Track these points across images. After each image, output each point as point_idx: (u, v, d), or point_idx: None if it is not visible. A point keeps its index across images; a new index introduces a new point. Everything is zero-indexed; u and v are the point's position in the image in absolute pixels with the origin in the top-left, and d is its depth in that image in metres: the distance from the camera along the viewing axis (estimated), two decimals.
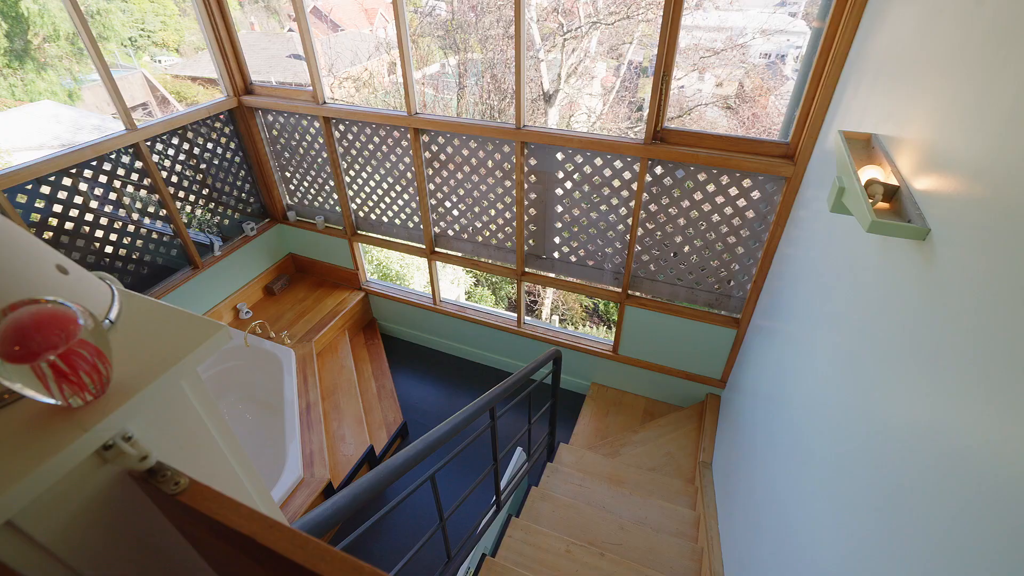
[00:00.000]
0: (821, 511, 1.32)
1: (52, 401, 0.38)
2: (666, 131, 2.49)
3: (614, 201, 2.84)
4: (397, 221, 3.62)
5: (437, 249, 3.60)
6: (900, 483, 0.97)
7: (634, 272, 3.03)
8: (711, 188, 2.58)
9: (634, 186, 2.72)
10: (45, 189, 2.65)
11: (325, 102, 3.25)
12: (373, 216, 3.69)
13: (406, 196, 3.44)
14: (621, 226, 2.91)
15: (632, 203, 2.78)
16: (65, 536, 0.40)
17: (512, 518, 2.26)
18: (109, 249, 2.96)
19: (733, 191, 2.54)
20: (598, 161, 2.76)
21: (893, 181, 1.08)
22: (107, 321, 0.46)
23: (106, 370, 0.40)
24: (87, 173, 2.79)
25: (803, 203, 2.20)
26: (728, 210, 2.61)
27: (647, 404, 3.51)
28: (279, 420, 3.15)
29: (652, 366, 3.35)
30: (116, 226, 2.98)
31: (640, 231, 2.84)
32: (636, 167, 2.66)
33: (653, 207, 2.75)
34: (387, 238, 3.75)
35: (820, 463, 1.41)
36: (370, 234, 3.80)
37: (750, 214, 2.57)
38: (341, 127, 3.33)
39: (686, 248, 2.81)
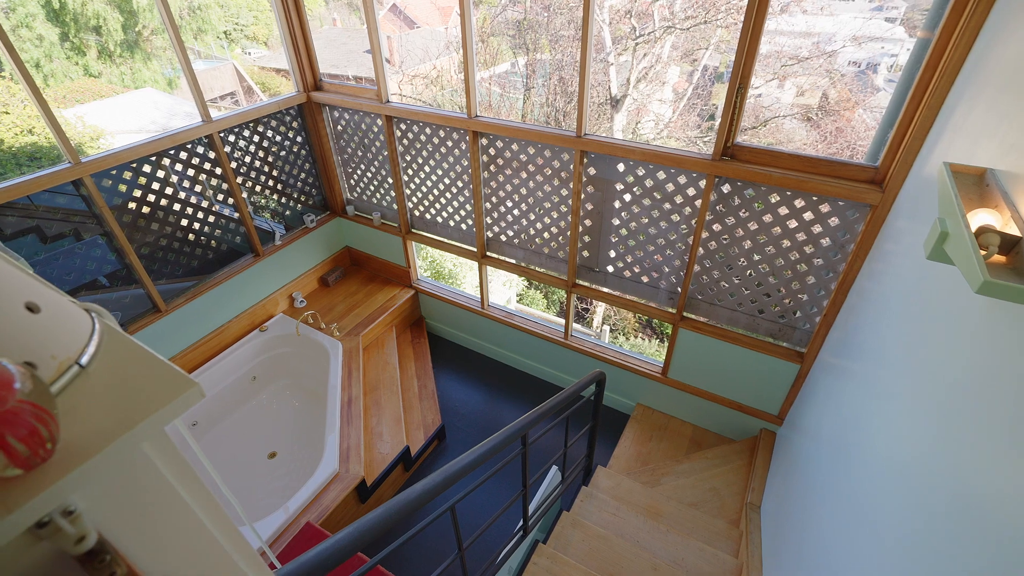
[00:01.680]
0: None
1: None
2: (737, 147, 2.31)
3: (675, 217, 2.68)
4: (451, 222, 3.61)
5: (488, 253, 3.56)
6: (989, 567, 0.81)
7: (691, 294, 2.86)
8: (783, 211, 2.37)
9: (698, 203, 2.55)
10: (127, 175, 2.82)
11: (388, 100, 3.28)
12: (428, 215, 3.70)
13: (461, 198, 3.42)
14: (681, 244, 2.74)
15: (694, 221, 2.61)
16: None
17: (539, 544, 2.17)
18: (180, 234, 3.13)
19: (808, 216, 2.33)
20: (661, 175, 2.61)
21: (1014, 231, 0.91)
22: (76, 366, 0.42)
23: (51, 432, 0.35)
24: (165, 161, 2.95)
25: (891, 235, 1.97)
26: (801, 236, 2.39)
27: (694, 432, 3.31)
28: (322, 411, 3.22)
29: (703, 393, 3.15)
30: (188, 212, 3.14)
31: (701, 251, 2.67)
32: (702, 183, 2.50)
33: (717, 226, 2.57)
34: (440, 238, 3.75)
35: (888, 527, 1.24)
36: (424, 233, 3.81)
37: (825, 242, 2.35)
38: (402, 126, 3.35)
39: (750, 273, 2.61)
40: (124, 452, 0.37)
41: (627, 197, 2.77)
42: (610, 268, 3.08)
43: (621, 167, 2.70)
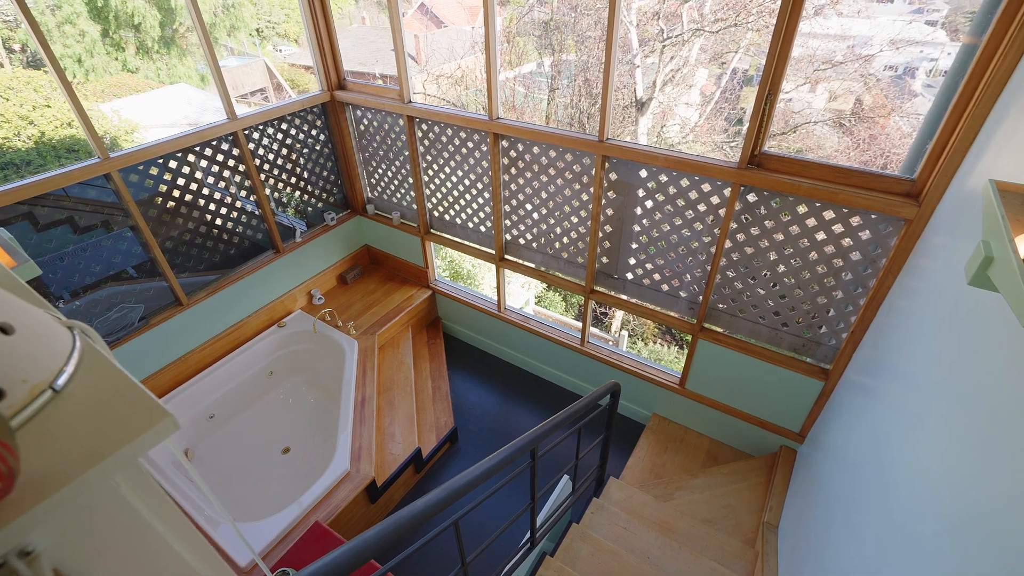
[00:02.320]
0: None
1: None
2: (765, 156, 2.23)
3: (698, 226, 2.61)
4: (470, 224, 3.59)
5: (507, 256, 3.53)
6: None
7: (712, 304, 2.78)
8: (811, 222, 2.28)
9: (722, 212, 2.48)
10: (154, 170, 2.87)
11: (410, 101, 3.28)
12: (447, 217, 3.69)
13: (480, 200, 3.40)
14: (703, 254, 2.67)
15: (718, 230, 2.54)
16: None
17: (546, 557, 2.13)
18: (203, 229, 3.17)
19: (838, 228, 2.24)
20: (684, 182, 2.54)
21: None
22: (50, 390, 0.40)
23: (9, 467, 0.33)
24: (190, 158, 2.99)
25: (927, 251, 1.88)
26: (829, 249, 2.30)
27: (711, 446, 3.23)
28: (336, 408, 3.23)
29: (721, 406, 3.07)
30: (211, 207, 3.18)
31: (723, 261, 2.60)
32: (726, 192, 2.42)
33: (741, 236, 2.49)
34: (458, 240, 3.74)
35: (919, 555, 1.17)
36: (442, 234, 3.80)
37: (855, 256, 2.25)
38: (424, 126, 3.34)
39: (774, 285, 2.53)
40: (92, 486, 0.35)
41: (649, 203, 2.71)
42: (629, 275, 3.02)
43: (643, 173, 2.64)
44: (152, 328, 3.03)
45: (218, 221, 3.24)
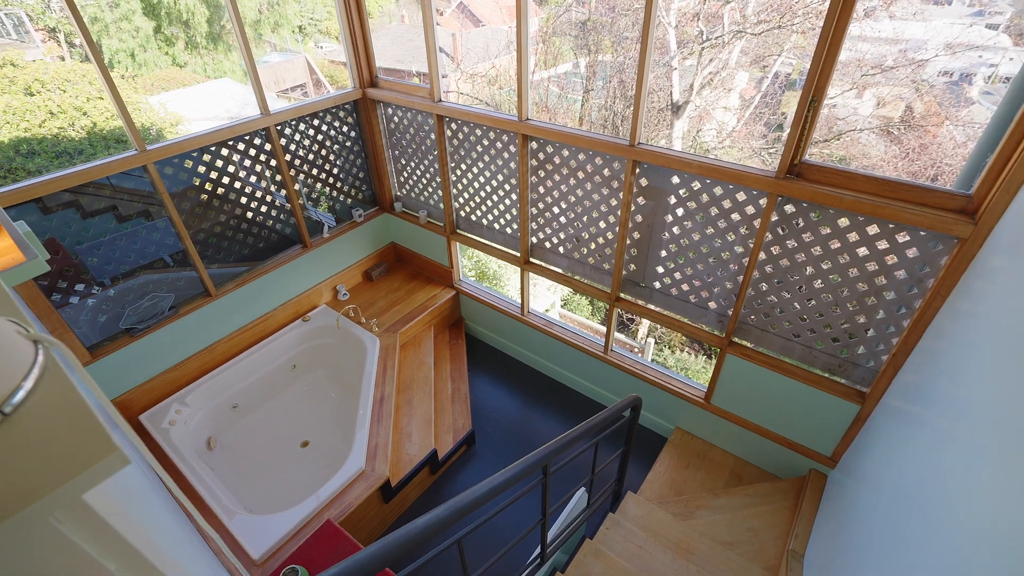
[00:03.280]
0: None
1: None
2: (805, 165, 2.11)
3: (731, 236, 2.50)
4: (496, 226, 3.55)
5: (532, 259, 3.48)
6: None
7: (743, 318, 2.67)
8: (853, 237, 2.16)
9: (757, 222, 2.37)
10: (188, 163, 2.94)
11: (440, 100, 3.26)
12: (473, 217, 3.66)
13: (507, 202, 3.36)
14: (735, 265, 2.56)
15: (751, 241, 2.43)
16: None
17: (557, 573, 2.07)
18: (233, 222, 3.23)
19: (882, 244, 2.10)
20: (718, 190, 2.44)
21: None
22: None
23: None
24: (223, 152, 3.04)
25: (983, 273, 1.74)
26: (872, 265, 2.16)
27: (736, 465, 3.10)
28: (355, 405, 3.25)
29: (748, 424, 2.94)
30: (242, 201, 3.23)
31: (756, 274, 2.48)
32: (762, 202, 2.31)
33: (776, 249, 2.38)
34: (484, 241, 3.70)
35: None
36: (468, 234, 3.78)
37: (900, 274, 2.11)
38: (453, 126, 3.32)
39: (810, 301, 2.40)
40: (27, 525, 0.32)
41: (680, 211, 2.62)
42: (657, 284, 2.93)
43: (675, 179, 2.55)
44: (181, 317, 3.10)
45: (248, 214, 3.29)
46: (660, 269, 2.86)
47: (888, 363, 2.26)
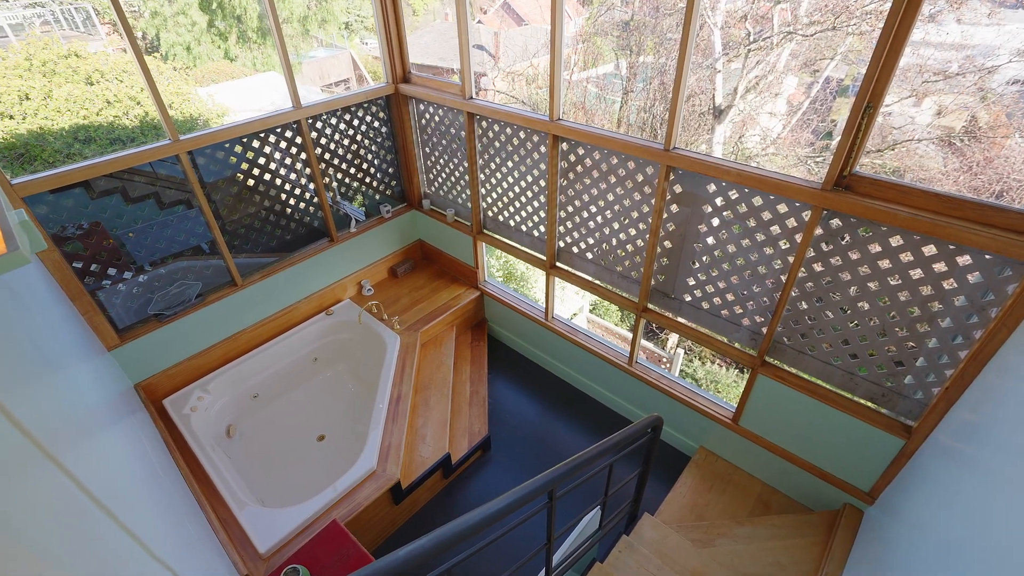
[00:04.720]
0: None
1: None
2: (856, 177, 1.95)
3: (768, 250, 2.34)
4: (523, 227, 3.47)
5: (558, 264, 3.38)
6: None
7: (777, 337, 2.50)
8: (906, 257, 1.98)
9: (798, 237, 2.21)
10: (220, 154, 2.97)
11: (471, 97, 3.20)
12: (500, 218, 3.59)
13: (536, 204, 3.27)
14: (771, 280, 2.40)
15: (791, 256, 2.26)
16: None
17: None
18: (262, 213, 3.25)
19: (939, 267, 1.92)
20: (757, 200, 2.29)
21: None
22: None
23: None
24: (255, 144, 3.06)
25: None
26: (926, 289, 1.98)
27: (763, 491, 2.93)
28: (371, 403, 3.22)
29: (779, 450, 2.77)
30: (271, 193, 3.26)
31: (795, 291, 2.32)
32: (805, 215, 2.15)
33: (818, 266, 2.21)
34: (510, 242, 3.63)
35: None
36: (494, 235, 3.71)
37: (959, 300, 1.92)
38: (483, 124, 3.26)
39: (853, 323, 2.22)
40: None
41: (715, 221, 2.47)
42: (687, 296, 2.79)
43: (711, 187, 2.41)
44: (207, 305, 3.14)
45: (277, 206, 3.31)
46: (691, 281, 2.72)
47: (940, 396, 2.07)
